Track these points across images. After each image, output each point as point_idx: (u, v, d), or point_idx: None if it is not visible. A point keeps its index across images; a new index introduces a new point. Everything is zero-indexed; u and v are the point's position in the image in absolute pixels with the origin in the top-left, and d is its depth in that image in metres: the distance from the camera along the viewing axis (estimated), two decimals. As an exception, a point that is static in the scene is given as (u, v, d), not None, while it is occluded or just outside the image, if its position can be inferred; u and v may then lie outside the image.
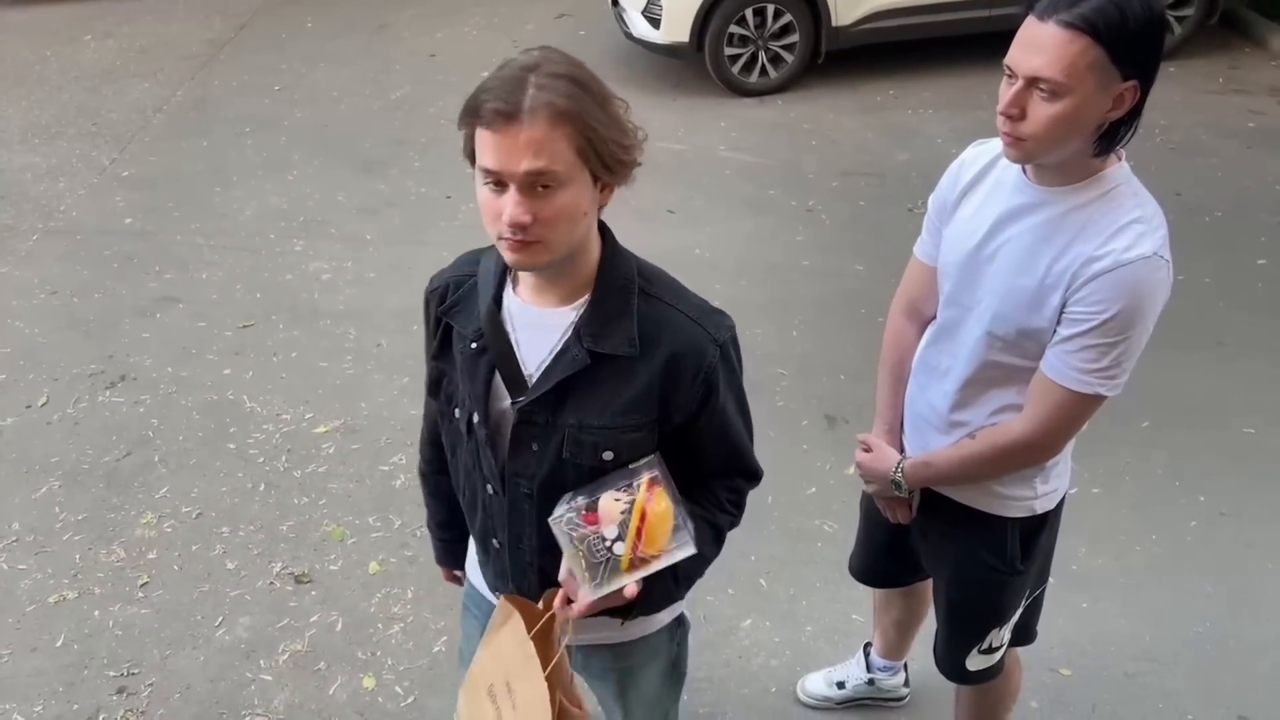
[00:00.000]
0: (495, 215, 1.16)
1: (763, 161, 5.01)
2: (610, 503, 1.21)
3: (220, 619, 2.68)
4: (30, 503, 3.08)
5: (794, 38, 5.57)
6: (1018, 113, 1.32)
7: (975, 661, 1.83)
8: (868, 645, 2.35)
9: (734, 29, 5.49)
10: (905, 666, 2.35)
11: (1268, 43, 5.81)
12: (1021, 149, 1.36)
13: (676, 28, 5.50)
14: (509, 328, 1.32)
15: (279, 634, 2.63)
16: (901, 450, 1.76)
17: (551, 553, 1.31)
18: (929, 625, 2.02)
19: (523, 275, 1.31)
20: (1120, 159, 1.41)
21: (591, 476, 1.29)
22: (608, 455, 1.28)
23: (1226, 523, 2.84)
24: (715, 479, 1.42)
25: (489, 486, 1.39)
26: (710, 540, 1.38)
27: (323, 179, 4.94)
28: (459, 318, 1.36)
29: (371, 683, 2.50)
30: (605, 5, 6.26)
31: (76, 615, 2.70)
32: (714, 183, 4.83)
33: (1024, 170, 1.45)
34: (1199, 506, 2.90)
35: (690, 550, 1.23)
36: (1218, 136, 4.97)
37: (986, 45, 4.97)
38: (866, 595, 2.32)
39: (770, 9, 5.47)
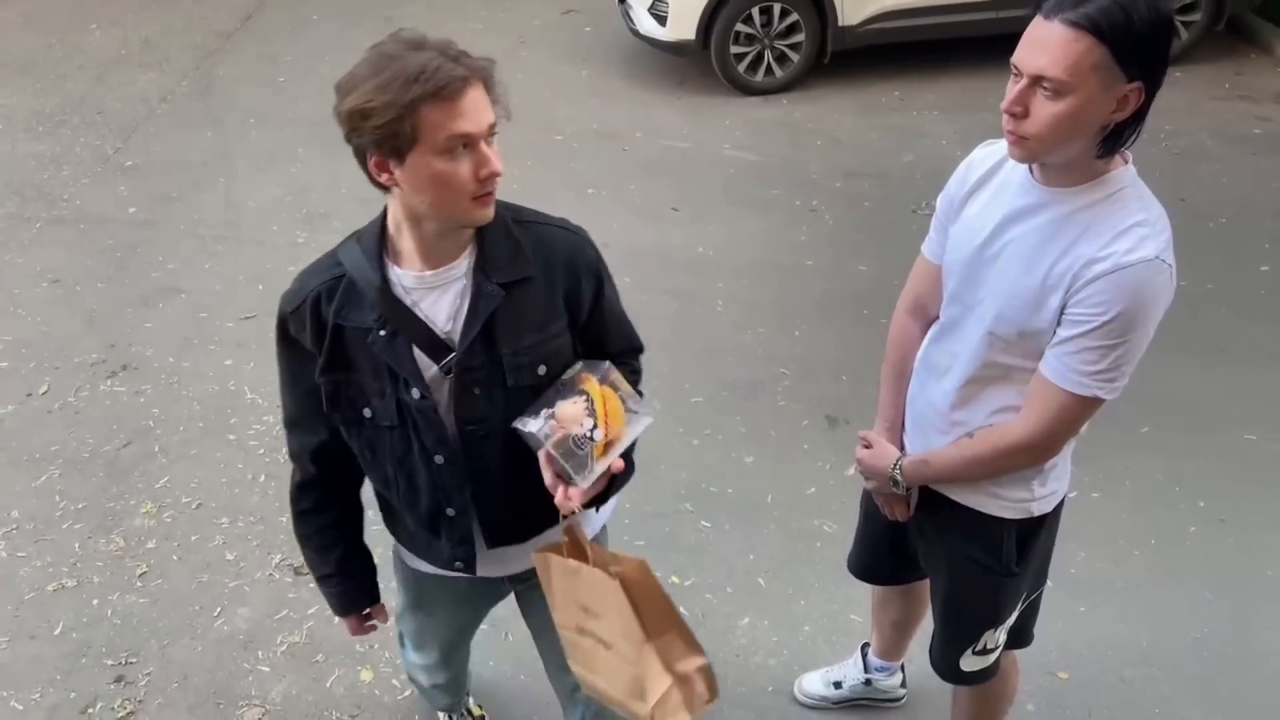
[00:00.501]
0: (469, 176, 1.26)
1: (767, 161, 5.01)
2: (570, 407, 1.36)
3: (219, 609, 2.68)
4: (30, 491, 3.09)
5: (800, 37, 5.56)
6: (1021, 111, 1.32)
7: (970, 662, 1.83)
8: (865, 645, 2.35)
9: (740, 27, 5.48)
10: (902, 668, 2.36)
11: (1274, 49, 5.80)
12: (1025, 148, 1.36)
13: (682, 25, 5.49)
14: (407, 302, 1.39)
15: (277, 625, 2.63)
16: (902, 448, 1.76)
17: (524, 475, 1.42)
18: (926, 626, 2.02)
19: (408, 246, 1.38)
20: (1126, 161, 1.41)
21: (534, 395, 1.41)
22: (542, 370, 1.42)
23: (1226, 529, 2.84)
24: (619, 365, 1.54)
25: (437, 458, 1.45)
26: None
27: (326, 172, 4.93)
28: (351, 315, 1.40)
29: (369, 675, 2.50)
30: (611, 1, 6.25)
31: (75, 604, 2.70)
32: (718, 181, 4.83)
33: (1030, 171, 1.44)
34: (1199, 512, 2.90)
35: (648, 420, 1.41)
36: (1223, 142, 4.96)
37: (993, 47, 4.96)
38: (865, 595, 2.32)
39: (777, 8, 5.46)
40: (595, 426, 1.34)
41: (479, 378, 1.40)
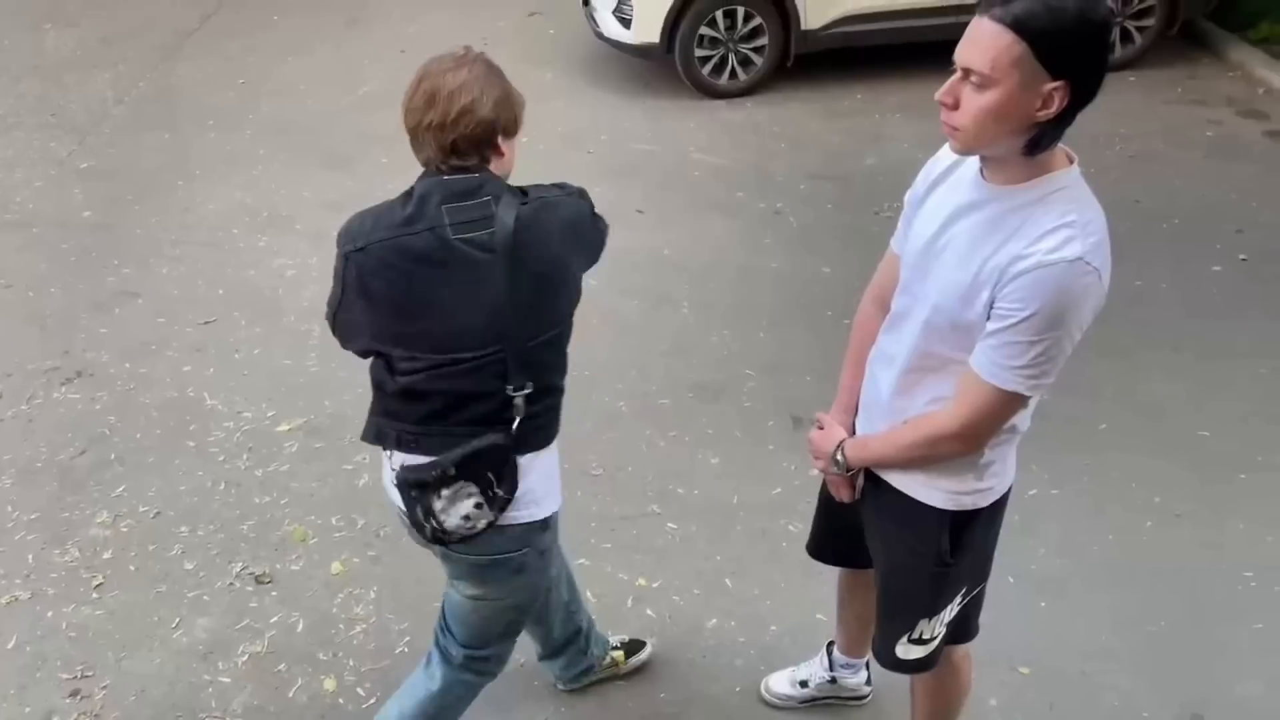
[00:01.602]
0: None
1: (731, 164, 5.03)
2: None
3: (177, 620, 2.63)
4: (-19, 501, 3.01)
5: (763, 40, 5.60)
6: (951, 102, 1.37)
7: (906, 650, 1.85)
8: (830, 643, 2.37)
9: (704, 31, 5.51)
10: (867, 665, 2.37)
11: (1225, 54, 5.94)
12: (956, 138, 1.41)
13: (647, 29, 5.51)
14: None
15: (238, 635, 2.59)
16: (853, 432, 1.80)
17: None
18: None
19: None
20: (1072, 162, 1.44)
21: None
22: None
23: (1182, 523, 2.90)
24: None
25: None
26: None
27: (288, 174, 4.88)
28: None
29: (332, 684, 2.47)
30: (576, 4, 6.24)
31: (29, 616, 2.64)
32: (682, 184, 4.84)
33: (981, 169, 1.47)
34: (1155, 508, 2.96)
35: None
36: (1176, 146, 5.07)
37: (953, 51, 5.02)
38: (831, 594, 2.33)
39: (740, 11, 5.49)
40: None
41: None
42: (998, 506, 1.72)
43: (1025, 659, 2.50)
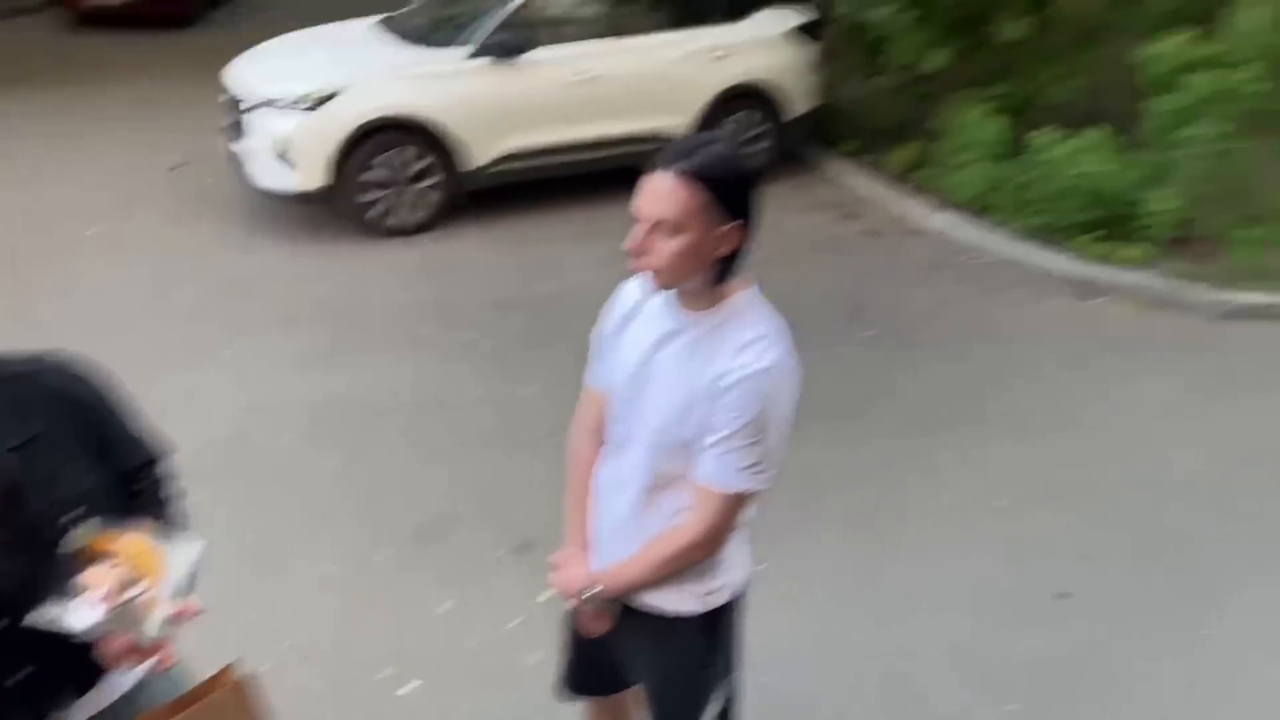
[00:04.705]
0: None
1: (415, 300, 5.03)
2: (95, 573, 1.27)
3: None
4: None
5: (434, 179, 5.73)
6: (645, 251, 1.54)
7: None
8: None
9: (373, 175, 5.53)
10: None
11: (821, 166, 6.97)
12: (659, 279, 1.57)
13: (311, 174, 5.42)
14: None
15: None
16: (593, 565, 1.82)
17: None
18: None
19: None
20: (750, 285, 1.65)
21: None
22: (81, 509, 1.36)
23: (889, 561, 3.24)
24: (140, 480, 1.54)
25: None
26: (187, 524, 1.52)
27: None
28: None
29: None
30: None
31: None
32: (367, 325, 4.74)
33: (671, 300, 1.64)
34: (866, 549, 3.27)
35: (198, 543, 1.37)
36: (794, 247, 5.63)
37: (611, 180, 5.46)
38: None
39: (407, 152, 5.59)
40: (143, 590, 1.28)
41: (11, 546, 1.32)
42: (739, 599, 1.83)
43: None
